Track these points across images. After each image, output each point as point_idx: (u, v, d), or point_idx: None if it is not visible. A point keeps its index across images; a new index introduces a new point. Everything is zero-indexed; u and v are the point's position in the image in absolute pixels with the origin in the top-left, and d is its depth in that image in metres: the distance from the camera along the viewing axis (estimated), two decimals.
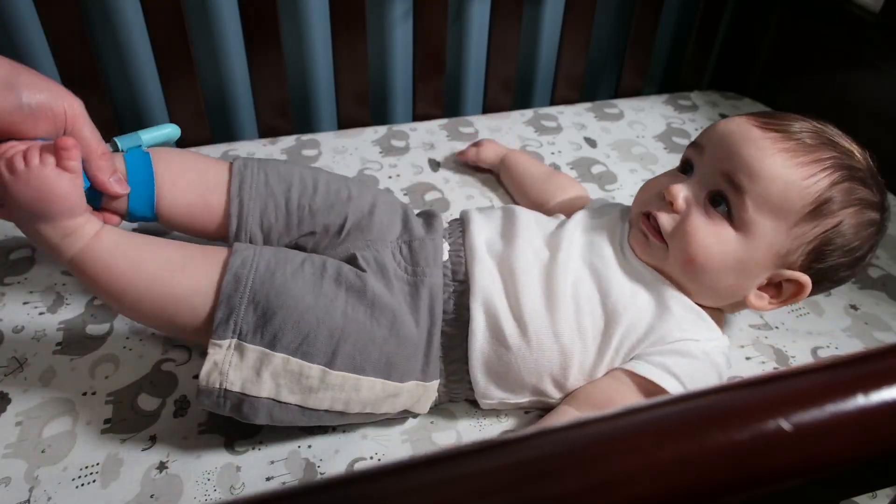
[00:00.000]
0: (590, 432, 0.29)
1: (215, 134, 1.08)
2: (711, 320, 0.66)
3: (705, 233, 0.63)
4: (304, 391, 0.58)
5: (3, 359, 0.69)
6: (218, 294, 0.57)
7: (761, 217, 0.61)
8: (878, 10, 1.01)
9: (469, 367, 0.64)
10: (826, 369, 0.32)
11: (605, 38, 1.26)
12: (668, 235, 0.65)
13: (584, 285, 0.64)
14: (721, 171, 0.63)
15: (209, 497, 0.59)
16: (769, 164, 0.61)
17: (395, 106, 1.20)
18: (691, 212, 0.64)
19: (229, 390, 0.57)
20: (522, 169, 0.94)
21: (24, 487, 0.59)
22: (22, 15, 0.93)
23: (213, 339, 0.56)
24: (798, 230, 0.61)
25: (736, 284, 0.65)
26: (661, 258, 0.65)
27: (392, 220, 0.70)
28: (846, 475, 0.30)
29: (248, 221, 0.67)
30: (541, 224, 0.70)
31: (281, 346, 0.57)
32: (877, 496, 0.62)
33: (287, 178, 0.69)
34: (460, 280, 0.65)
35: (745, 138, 0.63)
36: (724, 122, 0.66)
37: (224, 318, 0.56)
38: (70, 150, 0.55)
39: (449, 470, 0.28)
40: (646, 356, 0.62)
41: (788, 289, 0.64)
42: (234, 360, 0.56)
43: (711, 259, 0.63)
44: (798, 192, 0.60)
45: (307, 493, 0.27)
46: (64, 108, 0.58)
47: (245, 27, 0.98)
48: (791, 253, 0.62)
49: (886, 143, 1.02)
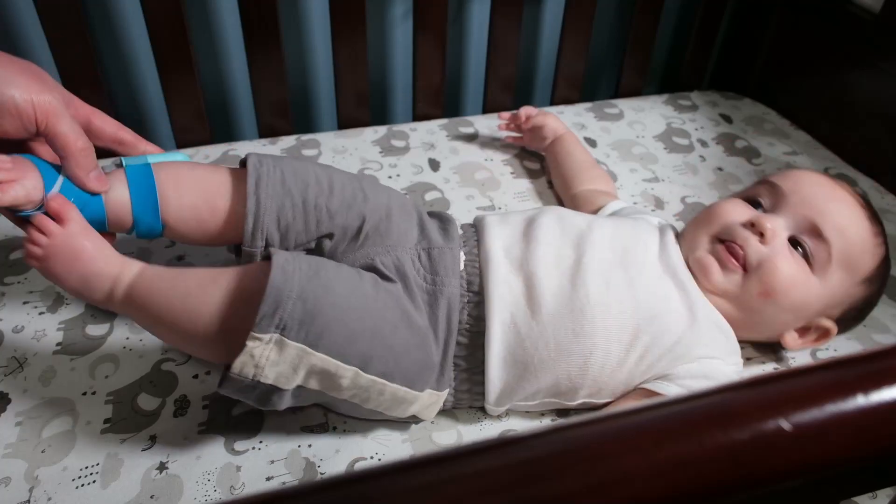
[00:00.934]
0: (590, 432, 0.29)
1: (215, 134, 1.08)
2: (736, 342, 0.67)
3: (794, 273, 0.66)
4: (331, 387, 0.57)
5: (3, 359, 0.69)
6: (263, 289, 0.54)
7: (837, 268, 0.67)
8: (878, 10, 1.01)
9: (485, 377, 0.63)
10: (826, 369, 0.32)
11: (605, 38, 1.26)
12: (753, 266, 0.66)
13: (615, 289, 0.64)
14: (810, 222, 0.67)
15: (209, 497, 0.59)
16: (855, 225, 0.67)
17: (395, 106, 1.20)
18: (781, 249, 0.67)
19: (262, 382, 0.55)
20: (573, 150, 0.96)
21: (24, 487, 0.59)
22: (22, 15, 0.93)
23: (255, 331, 0.53)
24: (854, 289, 0.68)
25: (787, 322, 0.69)
26: (735, 285, 0.67)
27: (409, 225, 0.68)
28: (846, 475, 0.30)
29: (265, 220, 0.64)
30: (565, 228, 0.69)
31: (323, 345, 0.54)
32: (877, 496, 0.62)
33: (304, 176, 0.66)
34: (475, 291, 0.65)
35: (838, 198, 0.69)
36: (807, 174, 0.72)
37: (270, 312, 0.53)
38: (61, 209, 0.58)
39: (449, 470, 0.28)
40: (676, 378, 0.62)
41: (815, 334, 0.70)
42: (273, 355, 0.54)
43: (788, 295, 0.66)
44: (869, 255, 0.68)
45: (307, 493, 0.27)
46: (33, 105, 0.56)
47: (245, 27, 0.98)
48: (838, 306, 0.69)
49: (886, 143, 1.02)
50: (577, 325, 0.62)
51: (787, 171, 0.73)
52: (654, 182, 1.02)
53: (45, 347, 0.71)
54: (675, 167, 1.05)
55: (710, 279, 0.67)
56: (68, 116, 0.59)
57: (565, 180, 0.93)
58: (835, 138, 1.10)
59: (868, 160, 1.05)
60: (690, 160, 1.07)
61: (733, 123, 1.17)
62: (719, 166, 1.06)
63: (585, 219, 0.72)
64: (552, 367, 0.62)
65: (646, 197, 0.98)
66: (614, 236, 0.69)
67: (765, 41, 1.21)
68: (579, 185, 0.91)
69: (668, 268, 0.68)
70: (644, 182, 1.01)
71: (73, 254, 0.58)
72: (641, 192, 0.99)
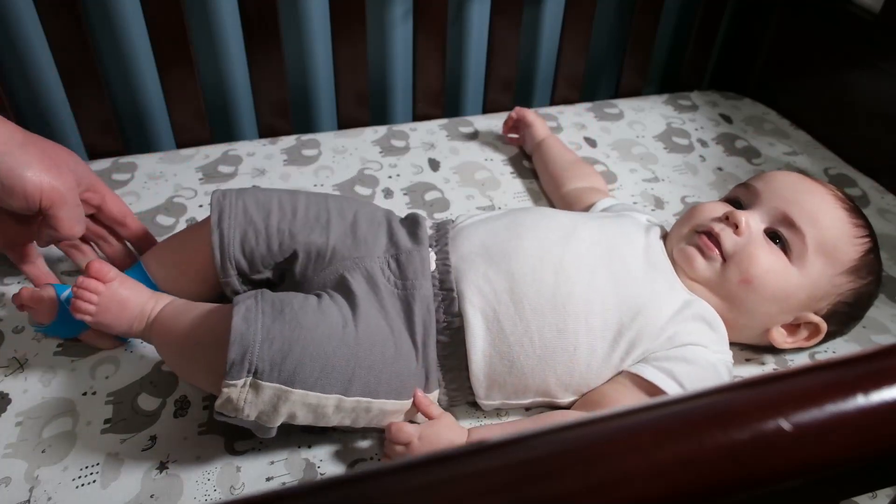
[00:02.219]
0: (590, 432, 0.29)
1: (215, 134, 1.08)
2: (724, 332, 0.67)
3: (767, 258, 0.68)
4: (318, 417, 0.58)
5: (3, 359, 0.69)
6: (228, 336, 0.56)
7: (815, 257, 0.68)
8: (878, 10, 1.01)
9: (469, 372, 0.64)
10: (826, 369, 0.32)
11: (605, 38, 1.26)
12: (730, 254, 0.68)
13: (598, 286, 0.64)
14: (781, 213, 0.69)
15: (209, 497, 0.59)
16: (829, 214, 0.69)
17: (395, 106, 1.20)
18: (756, 238, 0.69)
19: (244, 420, 0.57)
20: (555, 153, 0.98)
21: (24, 487, 0.59)
22: (22, 15, 0.93)
23: (227, 379, 0.55)
24: (838, 279, 0.69)
25: (771, 315, 0.70)
26: (716, 272, 0.68)
27: (377, 234, 0.69)
28: (846, 475, 0.30)
29: (231, 251, 0.67)
30: (550, 224, 0.70)
31: (299, 381, 0.56)
32: (877, 496, 0.62)
33: (266, 204, 0.69)
34: (448, 289, 0.65)
35: (808, 189, 0.71)
36: (782, 173, 0.75)
37: (238, 359, 0.55)
38: (102, 269, 0.64)
39: (449, 470, 0.28)
40: (653, 360, 0.63)
41: (805, 331, 0.71)
42: (250, 397, 0.56)
43: (767, 282, 0.67)
44: (849, 244, 0.68)
45: (307, 493, 0.27)
46: (41, 191, 0.63)
47: (245, 27, 0.98)
48: (823, 299, 0.69)
49: (886, 143, 1.02)
50: (561, 322, 0.63)
51: (764, 174, 0.76)
52: (654, 182, 1.02)
53: (46, 348, 0.71)
54: (675, 167, 1.05)
55: (693, 266, 0.69)
56: (71, 204, 0.66)
57: (553, 182, 0.94)
58: (835, 138, 1.10)
59: (868, 160, 1.05)
60: (690, 160, 1.07)
61: (733, 123, 1.17)
62: (719, 166, 1.06)
63: (570, 216, 0.73)
64: (538, 364, 0.63)
65: (646, 197, 0.98)
66: (599, 233, 0.69)
67: (765, 41, 1.21)
68: (567, 185, 0.91)
69: (653, 263, 0.68)
70: (644, 182, 1.01)
71: (119, 304, 0.64)
72: (641, 192, 0.99)
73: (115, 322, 0.64)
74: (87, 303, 0.63)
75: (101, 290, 0.64)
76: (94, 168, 0.96)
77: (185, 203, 0.92)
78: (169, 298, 0.66)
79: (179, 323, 0.62)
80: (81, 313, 0.63)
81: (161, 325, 0.63)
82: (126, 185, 0.94)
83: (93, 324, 0.65)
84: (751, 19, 1.23)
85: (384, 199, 0.95)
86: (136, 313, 0.64)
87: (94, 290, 0.64)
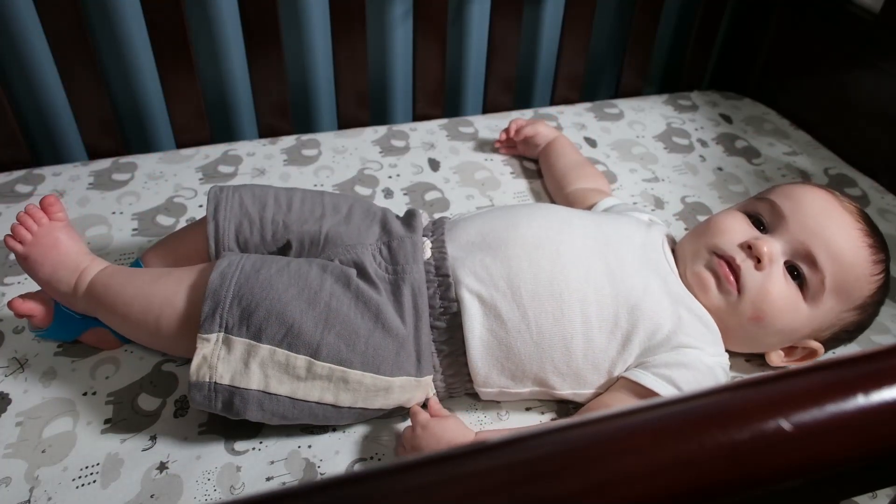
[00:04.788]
0: (590, 432, 0.29)
1: (215, 134, 1.08)
2: (719, 335, 0.67)
3: (785, 300, 0.66)
4: (292, 381, 0.59)
5: (3, 359, 0.69)
6: (204, 290, 0.60)
7: (830, 297, 0.67)
8: (878, 10, 1.01)
9: (467, 356, 0.64)
10: (826, 369, 0.32)
11: (605, 38, 1.26)
12: (746, 289, 0.66)
13: (593, 278, 0.65)
14: (805, 249, 0.67)
15: (209, 497, 0.59)
16: (851, 253, 0.66)
17: (395, 106, 1.20)
18: (776, 275, 0.67)
19: (219, 383, 0.58)
20: (563, 152, 0.97)
21: (24, 487, 0.59)
22: (22, 15, 0.93)
23: (201, 332, 0.59)
24: (845, 315, 0.68)
25: (772, 344, 0.70)
26: (728, 304, 0.67)
27: (370, 225, 0.70)
28: (846, 475, 0.30)
29: (225, 240, 0.69)
30: (549, 217, 0.70)
31: (266, 337, 0.59)
32: (877, 496, 0.62)
33: (262, 198, 0.71)
34: (444, 275, 0.65)
35: (835, 220, 0.67)
36: (810, 193, 0.70)
37: (210, 313, 0.59)
38: (54, 204, 0.65)
39: (449, 470, 0.28)
40: (652, 366, 0.63)
41: (801, 352, 0.71)
42: (223, 353, 0.59)
43: (777, 319, 0.67)
44: (865, 282, 0.67)
45: (307, 493, 0.27)
46: None
47: (245, 27, 0.98)
48: (827, 329, 0.69)
49: (886, 143, 1.02)
50: (557, 309, 0.63)
51: (789, 189, 0.71)
52: (654, 182, 1.02)
53: (46, 348, 0.71)
54: (674, 167, 1.05)
55: (707, 294, 0.68)
56: None
57: (557, 181, 0.94)
58: (835, 138, 1.10)
59: (868, 160, 1.05)
60: (690, 160, 1.07)
61: (733, 123, 1.17)
62: (719, 166, 1.06)
63: (568, 210, 0.74)
64: (535, 351, 0.63)
65: (646, 197, 0.98)
66: (595, 227, 0.70)
67: (765, 41, 1.21)
68: (571, 185, 0.91)
69: (650, 262, 0.68)
70: (644, 182, 1.01)
71: (51, 243, 0.64)
72: (641, 192, 0.99)
73: (40, 261, 0.64)
74: (25, 230, 0.64)
75: (45, 223, 0.64)
76: (93, 168, 0.96)
77: (185, 203, 0.92)
78: (108, 263, 0.66)
79: (135, 278, 0.64)
80: (15, 240, 0.64)
81: (107, 280, 0.63)
82: (126, 185, 0.94)
83: (21, 255, 0.64)
84: (751, 19, 1.23)
85: (384, 199, 0.95)
86: (69, 261, 0.64)
87: (36, 220, 0.64)
